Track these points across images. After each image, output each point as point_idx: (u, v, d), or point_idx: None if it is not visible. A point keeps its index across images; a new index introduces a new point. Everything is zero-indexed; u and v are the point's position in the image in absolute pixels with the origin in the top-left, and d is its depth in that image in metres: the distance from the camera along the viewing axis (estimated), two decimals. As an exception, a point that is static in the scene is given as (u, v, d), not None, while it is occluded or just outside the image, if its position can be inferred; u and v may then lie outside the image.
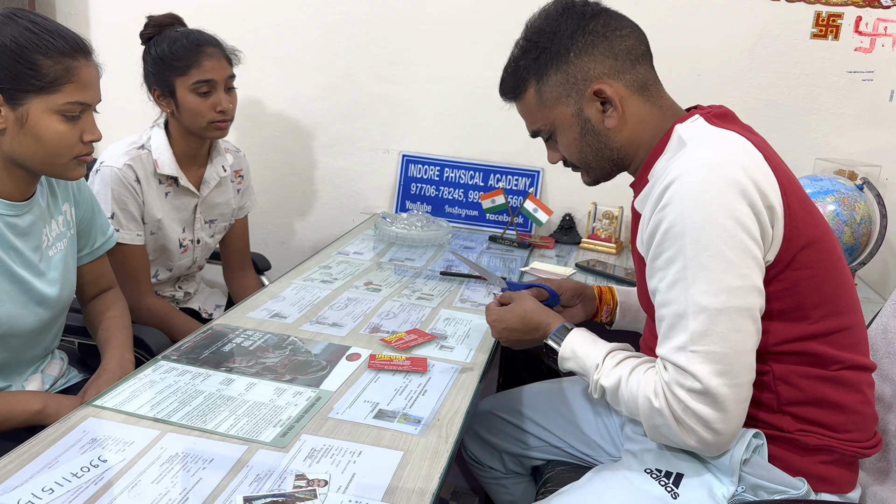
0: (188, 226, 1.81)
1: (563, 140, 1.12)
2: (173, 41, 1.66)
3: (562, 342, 1.13)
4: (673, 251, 0.93)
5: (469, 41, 2.18)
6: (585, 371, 1.08)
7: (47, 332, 1.30)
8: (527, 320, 1.20)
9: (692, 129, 1.04)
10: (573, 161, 1.15)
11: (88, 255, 1.42)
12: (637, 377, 0.99)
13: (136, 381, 1.09)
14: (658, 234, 0.95)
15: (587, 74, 1.06)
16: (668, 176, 0.95)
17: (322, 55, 2.27)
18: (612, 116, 1.06)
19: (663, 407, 0.94)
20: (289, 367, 1.17)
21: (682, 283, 0.92)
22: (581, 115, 1.08)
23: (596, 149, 1.10)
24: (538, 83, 1.09)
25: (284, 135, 2.37)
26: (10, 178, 1.16)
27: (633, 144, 1.09)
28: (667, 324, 0.95)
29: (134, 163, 1.66)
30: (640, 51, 1.08)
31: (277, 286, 1.56)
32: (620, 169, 1.14)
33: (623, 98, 1.06)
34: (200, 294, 2.00)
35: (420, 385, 1.15)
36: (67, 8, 2.39)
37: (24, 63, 1.08)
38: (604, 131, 1.08)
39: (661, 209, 0.95)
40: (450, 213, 2.29)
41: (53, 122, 1.11)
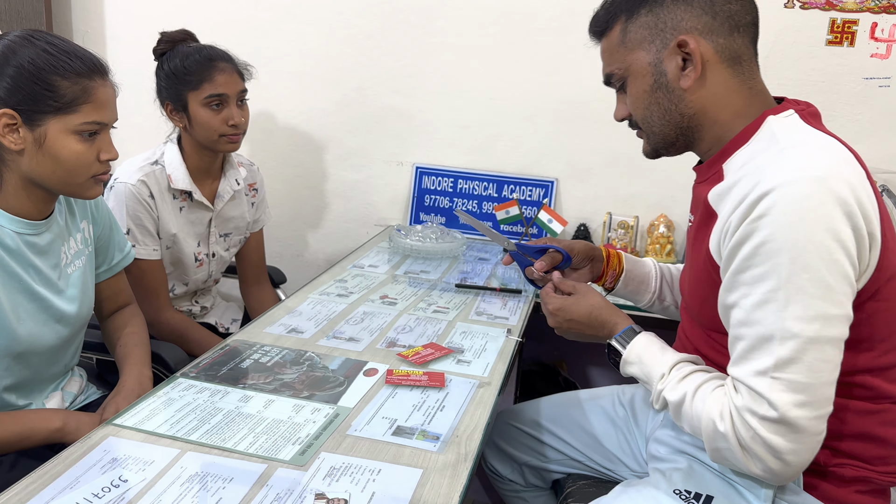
0: (203, 240, 1.82)
1: (633, 90, 1.05)
2: (185, 56, 1.68)
3: (627, 345, 1.08)
4: (765, 268, 0.86)
5: (481, 53, 2.18)
6: (648, 379, 1.03)
7: (67, 350, 1.31)
8: (594, 316, 1.15)
9: (787, 127, 0.96)
10: (637, 119, 1.07)
11: (106, 272, 1.43)
12: (703, 395, 0.94)
13: (154, 398, 1.09)
14: (747, 246, 0.88)
15: (678, 24, 0.99)
16: (764, 182, 0.87)
17: (336, 69, 2.28)
18: (689, 76, 0.99)
19: (728, 431, 0.89)
20: (306, 383, 1.17)
21: (772, 304, 0.86)
22: (658, 67, 1.01)
23: (664, 108, 1.03)
24: (626, 21, 1.03)
25: (299, 148, 2.38)
26: (28, 198, 1.17)
27: (708, 118, 1.01)
28: (746, 344, 0.89)
29: (147, 178, 1.67)
30: (744, 20, 1.00)
31: (294, 301, 1.57)
32: (687, 143, 1.06)
33: (708, 62, 0.98)
34: (217, 308, 2.01)
35: (438, 400, 1.14)
36: (84, 26, 2.42)
37: (41, 84, 1.09)
38: (677, 91, 1.00)
39: (754, 219, 0.87)
40: (464, 224, 2.29)
41: (71, 141, 1.13)
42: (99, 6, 2.39)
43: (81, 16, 2.41)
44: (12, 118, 1.09)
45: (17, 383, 1.21)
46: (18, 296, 1.17)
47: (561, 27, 2.11)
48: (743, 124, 1.00)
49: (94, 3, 2.39)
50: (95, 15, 2.40)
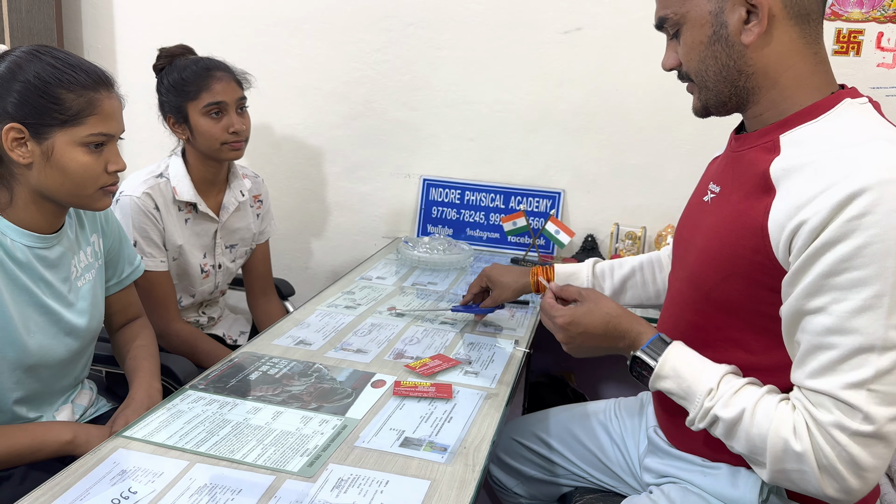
0: (209, 251, 1.83)
1: (688, 39, 0.96)
2: (183, 69, 1.71)
3: (659, 357, 0.97)
4: (867, 272, 0.79)
5: (487, 66, 2.20)
6: (688, 394, 0.93)
7: (77, 362, 1.32)
8: (612, 325, 1.03)
9: (870, 118, 0.90)
10: (690, 70, 0.98)
11: (116, 285, 1.44)
12: (766, 412, 0.87)
13: (164, 411, 1.10)
14: (844, 246, 0.80)
15: None
16: (859, 176, 0.80)
17: (343, 83, 2.30)
18: (753, 31, 0.91)
19: (807, 451, 0.82)
20: (315, 394, 1.17)
21: (874, 311, 0.79)
22: (719, 17, 0.92)
23: (722, 64, 0.94)
24: None
25: (307, 161, 2.39)
26: (38, 211, 1.18)
27: (769, 80, 0.93)
28: (837, 354, 0.82)
29: (152, 191, 1.69)
30: None
31: (302, 313, 1.57)
32: (740, 104, 0.97)
33: (775, 17, 0.90)
34: (225, 320, 2.02)
35: (445, 412, 1.14)
36: (94, 42, 2.45)
37: (47, 98, 1.11)
38: (737, 45, 0.92)
39: (852, 218, 0.79)
40: (471, 235, 2.30)
41: (78, 154, 1.14)
42: (109, 23, 2.42)
43: (92, 32, 2.44)
44: (20, 132, 1.11)
45: (28, 396, 1.22)
46: (29, 309, 1.18)
47: (567, 40, 2.12)
48: (810, 96, 0.92)
49: (105, 20, 2.42)
50: (105, 31, 2.43)
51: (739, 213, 0.94)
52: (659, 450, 1.15)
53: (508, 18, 2.15)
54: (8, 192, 1.16)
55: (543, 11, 2.11)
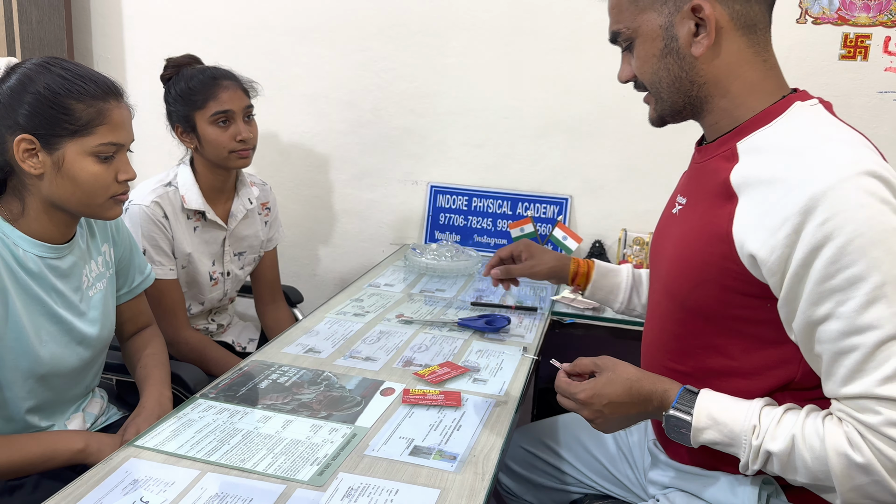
0: (218, 259, 1.85)
1: (641, 52, 0.99)
2: (190, 78, 1.72)
3: (693, 410, 0.93)
4: (860, 268, 0.80)
5: (494, 73, 2.20)
6: (733, 439, 0.90)
7: (88, 371, 1.33)
8: (635, 390, 0.98)
9: (819, 119, 0.93)
10: (644, 81, 1.01)
11: (127, 294, 1.45)
12: (815, 432, 0.84)
13: (175, 420, 1.10)
14: (827, 250, 0.81)
15: None
16: (817, 180, 0.82)
17: (351, 91, 2.31)
18: (702, 43, 0.94)
19: (870, 460, 0.80)
20: (324, 403, 1.18)
21: (882, 301, 0.79)
22: (669, 30, 0.96)
23: (674, 76, 0.97)
24: None
25: (315, 169, 2.41)
26: (50, 221, 1.19)
27: (720, 89, 0.96)
28: (861, 355, 0.80)
29: (161, 200, 1.70)
30: None
31: (311, 321, 1.58)
32: (694, 112, 1.01)
33: (722, 28, 0.93)
34: (234, 327, 2.03)
35: (455, 420, 1.14)
36: (104, 52, 2.47)
37: (57, 108, 1.12)
38: (688, 58, 0.95)
39: (823, 222, 0.81)
40: (479, 242, 2.30)
41: (88, 163, 1.15)
42: (118, 32, 2.44)
43: (101, 42, 2.47)
44: (31, 143, 1.12)
45: (40, 405, 1.23)
46: (41, 319, 1.19)
47: (573, 46, 2.12)
48: (761, 102, 0.95)
49: (114, 30, 2.44)
50: (115, 41, 2.45)
51: (706, 221, 0.96)
52: (660, 462, 1.15)
53: (515, 26, 2.16)
54: (20, 203, 1.17)
55: (549, 19, 2.12)
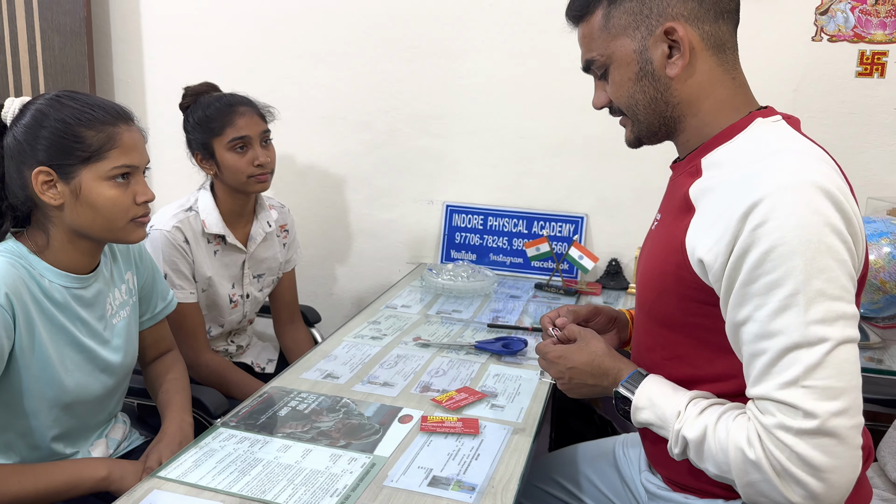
0: (237, 281, 1.87)
1: (617, 78, 1.02)
2: (207, 106, 1.75)
3: (636, 389, 1.01)
4: (779, 274, 0.83)
5: (508, 93, 2.22)
6: (664, 422, 0.96)
7: (112, 398, 1.35)
8: (595, 364, 1.07)
9: (777, 132, 0.95)
10: (621, 105, 1.04)
11: (150, 320, 1.47)
12: (725, 425, 0.89)
13: (197, 449, 1.12)
14: (753, 254, 0.84)
15: (664, 10, 0.97)
16: (758, 187, 0.85)
17: (366, 112, 2.34)
18: (677, 64, 0.97)
19: (760, 458, 0.84)
20: (343, 431, 1.19)
21: (792, 309, 0.82)
22: (644, 54, 0.99)
23: (650, 97, 1.00)
24: (609, 5, 1.00)
25: (332, 189, 2.43)
26: (75, 251, 1.22)
27: (692, 108, 1.00)
28: (768, 358, 0.84)
29: (182, 225, 1.73)
30: (728, 7, 0.99)
31: (329, 344, 1.59)
32: (669, 133, 1.04)
33: (694, 49, 0.97)
34: (253, 348, 2.04)
35: (473, 448, 1.15)
36: (124, 76, 2.52)
37: (69, 137, 1.15)
38: (664, 79, 0.99)
39: (755, 227, 0.84)
40: (494, 261, 2.31)
41: (105, 188, 1.17)
42: (138, 57, 2.49)
43: (122, 66, 2.51)
44: (48, 175, 1.14)
45: (65, 432, 1.25)
46: (66, 348, 1.21)
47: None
48: (727, 119, 0.98)
49: (134, 54, 2.49)
50: (135, 65, 2.50)
51: (667, 234, 1.00)
52: (658, 497, 1.14)
53: (529, 46, 2.17)
54: (45, 235, 1.20)
55: (564, 38, 2.12)
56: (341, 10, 2.28)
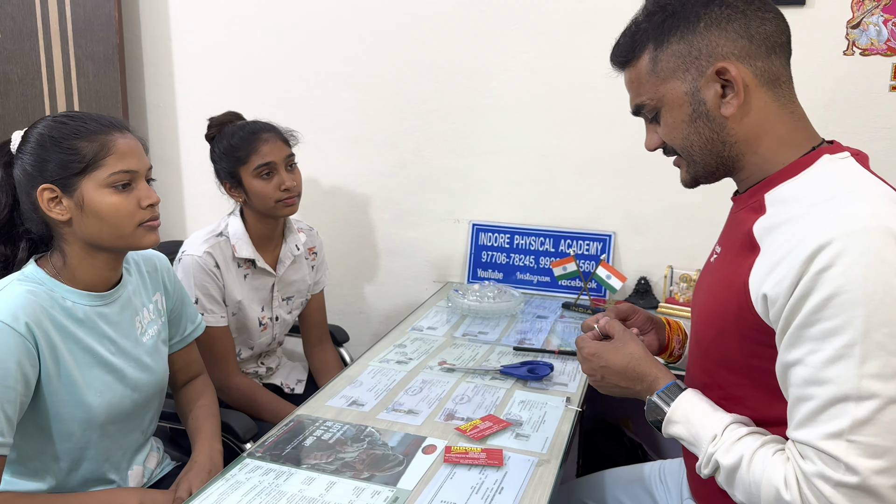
0: (266, 304, 1.89)
1: (669, 120, 1.00)
2: (231, 135, 1.79)
3: (672, 402, 1.00)
4: (838, 322, 0.81)
5: (533, 112, 2.21)
6: (696, 440, 0.96)
7: (144, 416, 1.36)
8: (631, 367, 1.07)
9: (846, 171, 0.93)
10: (675, 147, 1.03)
11: (179, 343, 1.49)
12: (762, 459, 0.88)
13: (223, 482, 1.13)
14: (814, 297, 0.82)
15: (713, 50, 0.95)
16: (827, 230, 0.83)
17: (393, 133, 2.35)
18: (732, 104, 0.95)
19: (795, 500, 0.83)
20: (367, 462, 1.19)
21: (847, 360, 0.80)
22: (696, 96, 0.97)
23: (706, 138, 0.98)
24: (656, 49, 0.98)
25: (359, 209, 2.45)
26: (93, 266, 1.24)
27: (751, 145, 0.97)
28: (816, 405, 0.83)
29: (213, 250, 1.76)
30: (779, 40, 0.97)
31: (355, 369, 1.60)
32: (727, 171, 1.02)
33: (748, 87, 0.95)
34: (283, 369, 2.07)
35: (496, 481, 1.14)
36: (157, 100, 2.57)
37: (65, 151, 1.18)
38: (718, 119, 0.96)
39: (820, 271, 0.82)
40: (521, 279, 2.30)
41: (106, 196, 1.19)
42: (169, 81, 2.54)
43: (154, 91, 2.56)
44: (52, 191, 1.18)
45: (99, 453, 1.27)
46: (94, 370, 1.23)
47: (614, 83, 2.10)
48: (790, 154, 0.96)
49: (165, 79, 2.54)
50: (166, 90, 2.55)
51: (730, 272, 0.98)
52: None
53: (552, 64, 2.16)
54: (61, 256, 1.23)
55: (589, 55, 2.12)
56: (367, 33, 2.30)
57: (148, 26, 2.51)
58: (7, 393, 1.10)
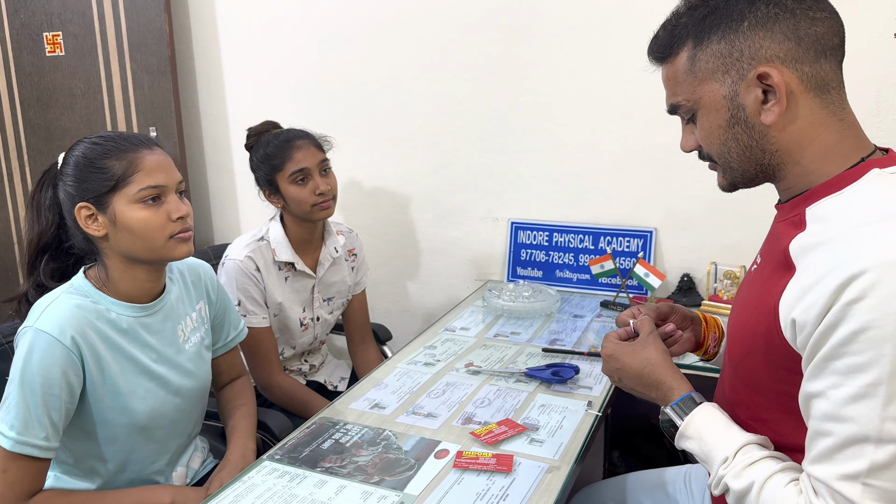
0: (308, 305, 1.96)
1: (706, 124, 0.95)
2: (267, 144, 1.86)
3: (685, 416, 0.97)
4: (865, 358, 0.77)
5: (570, 108, 2.19)
6: (708, 459, 0.93)
7: (188, 420, 1.44)
8: (646, 373, 1.05)
9: (894, 189, 0.86)
10: (711, 153, 0.97)
11: (222, 348, 1.57)
12: (773, 489, 0.85)
13: (239, 483, 1.19)
14: (842, 329, 0.78)
15: (756, 52, 0.88)
16: (862, 257, 0.78)
17: (432, 133, 2.37)
18: (773, 111, 0.89)
19: None
20: (379, 466, 1.23)
21: (870, 399, 0.77)
22: (735, 100, 0.91)
23: (744, 145, 0.92)
24: (695, 47, 0.93)
25: (401, 209, 2.49)
26: (133, 279, 1.30)
27: (793, 155, 0.91)
28: (834, 442, 0.80)
29: (254, 254, 1.83)
30: (831, 43, 0.89)
31: (382, 371, 1.64)
32: (768, 178, 0.96)
33: (793, 93, 0.88)
34: (327, 366, 2.13)
35: (503, 488, 1.16)
36: (209, 109, 2.68)
37: (96, 171, 1.25)
38: (758, 126, 0.90)
39: (850, 301, 0.77)
40: (561, 277, 2.29)
41: (136, 211, 1.25)
42: (220, 89, 2.64)
43: (206, 99, 2.67)
44: (89, 209, 1.25)
45: (145, 456, 1.35)
46: (137, 378, 1.31)
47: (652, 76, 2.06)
48: (837, 166, 0.89)
49: (216, 87, 2.64)
50: (217, 98, 2.65)
51: (764, 289, 0.93)
52: None
53: (588, 59, 2.13)
54: (104, 269, 1.30)
55: (624, 50, 2.07)
56: (405, 38, 2.34)
57: (199, 38, 2.62)
58: (52, 401, 1.19)
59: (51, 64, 2.66)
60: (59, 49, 2.63)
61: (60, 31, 2.61)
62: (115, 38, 2.55)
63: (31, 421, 1.17)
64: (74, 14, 2.57)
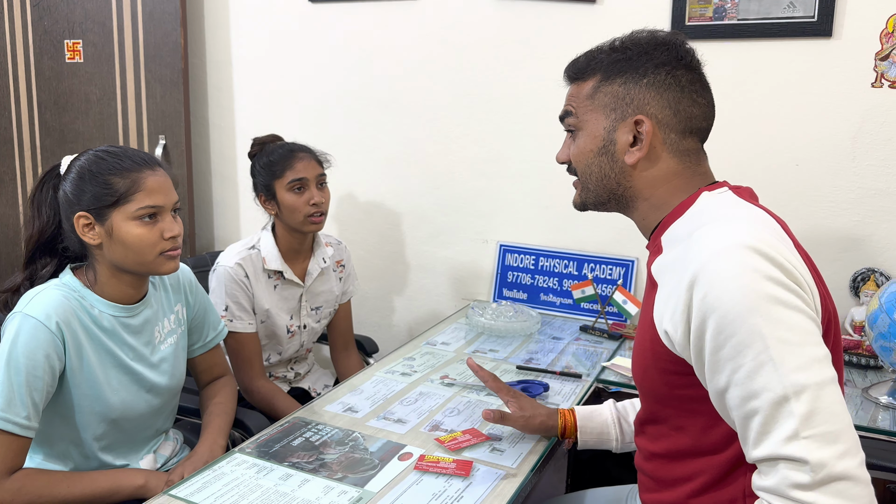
0: (295, 313, 2.03)
1: (581, 145, 1.09)
2: (271, 152, 1.96)
3: None
4: (743, 334, 0.84)
5: (560, 137, 2.26)
6: None
7: (158, 416, 1.51)
8: None
9: (718, 202, 1.01)
10: (577, 169, 1.12)
11: (201, 348, 1.64)
12: None
13: (209, 472, 1.25)
14: (711, 322, 0.87)
15: (642, 105, 1.04)
16: (696, 259, 0.89)
17: (428, 155, 2.46)
18: (635, 154, 1.03)
19: None
20: (344, 464, 1.29)
21: (767, 365, 0.83)
22: (610, 134, 1.05)
23: (604, 174, 1.07)
24: (601, 81, 1.07)
25: (394, 226, 2.56)
26: (119, 284, 1.39)
27: (644, 193, 1.06)
28: (762, 417, 0.84)
29: (244, 262, 1.91)
30: (700, 126, 1.06)
31: (360, 378, 1.70)
32: (618, 207, 1.11)
33: (655, 148, 1.04)
34: (312, 374, 2.19)
35: (458, 490, 1.21)
36: (218, 120, 2.78)
37: (100, 185, 1.33)
38: (620, 162, 1.05)
39: (703, 298, 0.87)
40: (545, 300, 2.35)
41: (132, 227, 1.34)
42: (230, 102, 2.74)
43: (216, 112, 2.78)
44: (87, 218, 1.34)
45: (113, 444, 1.43)
46: (113, 370, 1.39)
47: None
48: (679, 198, 1.04)
49: (227, 101, 2.75)
50: (227, 111, 2.76)
51: (645, 310, 1.06)
52: None
53: (581, 92, 2.22)
54: (93, 272, 1.39)
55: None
56: (405, 62, 2.44)
57: (212, 53, 2.73)
58: (35, 382, 1.26)
59: (69, 70, 2.77)
60: (78, 56, 2.74)
61: (81, 39, 2.72)
62: (132, 48, 2.66)
63: (14, 400, 1.24)
64: (95, 24, 2.69)
